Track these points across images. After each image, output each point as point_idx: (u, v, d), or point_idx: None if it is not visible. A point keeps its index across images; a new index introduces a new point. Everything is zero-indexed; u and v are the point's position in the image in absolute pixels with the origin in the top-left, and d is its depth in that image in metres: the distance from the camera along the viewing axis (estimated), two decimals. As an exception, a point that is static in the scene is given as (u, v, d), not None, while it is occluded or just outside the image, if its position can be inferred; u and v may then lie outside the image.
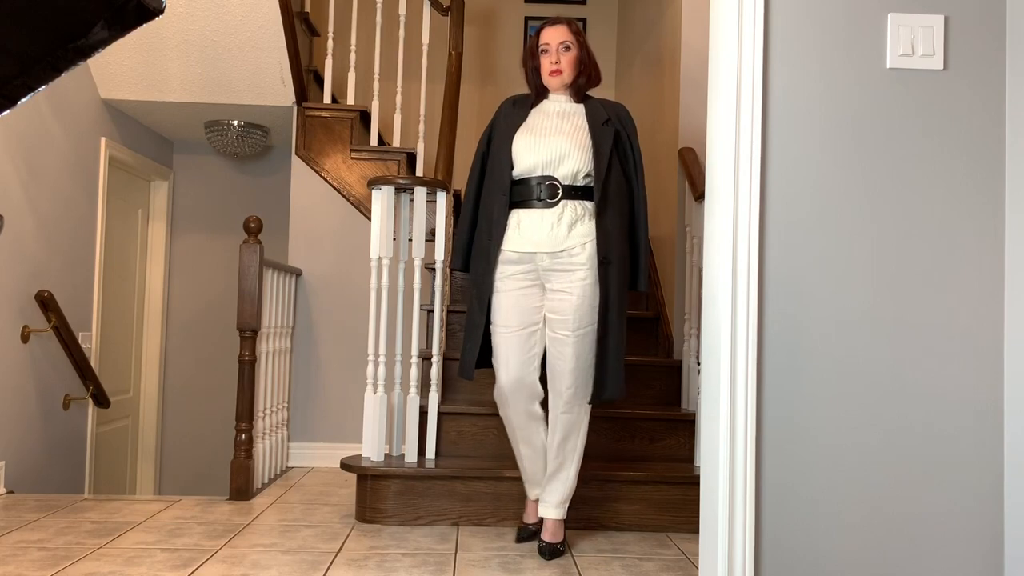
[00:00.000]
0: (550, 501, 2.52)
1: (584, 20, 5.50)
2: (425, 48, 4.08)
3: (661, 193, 3.88)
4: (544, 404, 2.53)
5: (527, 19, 5.46)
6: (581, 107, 2.57)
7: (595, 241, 2.43)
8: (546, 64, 2.53)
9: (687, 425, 3.15)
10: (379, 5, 4.02)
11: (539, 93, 2.59)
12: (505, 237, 2.48)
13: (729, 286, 1.64)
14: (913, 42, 1.67)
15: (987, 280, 1.67)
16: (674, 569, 2.40)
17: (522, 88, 2.70)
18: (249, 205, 5.08)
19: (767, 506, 1.64)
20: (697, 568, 2.34)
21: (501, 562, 2.42)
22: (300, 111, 4.05)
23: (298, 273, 3.95)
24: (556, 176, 2.45)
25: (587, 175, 2.47)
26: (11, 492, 3.31)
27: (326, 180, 4.01)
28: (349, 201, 4.01)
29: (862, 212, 1.67)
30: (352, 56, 4.07)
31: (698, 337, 3.21)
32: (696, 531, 2.74)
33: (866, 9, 1.68)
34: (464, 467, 2.88)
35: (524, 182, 2.48)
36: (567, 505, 2.54)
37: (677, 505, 2.85)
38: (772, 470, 1.64)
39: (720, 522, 1.63)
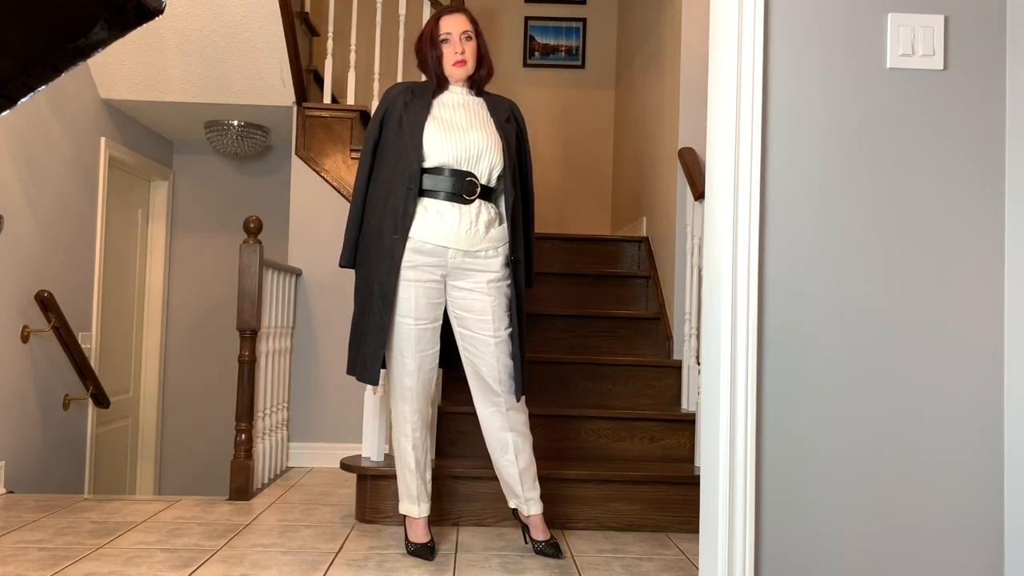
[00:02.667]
0: (535, 497, 2.51)
1: (584, 20, 5.50)
2: (425, 48, 4.08)
3: (661, 193, 3.88)
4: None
5: (527, 19, 5.46)
6: (481, 100, 2.54)
7: (507, 245, 2.47)
8: (449, 54, 2.45)
9: (687, 425, 3.15)
10: (379, 5, 4.02)
11: (440, 83, 2.51)
12: (417, 227, 2.37)
13: (729, 286, 1.64)
14: (913, 42, 1.67)
15: (987, 280, 1.67)
16: (674, 569, 2.40)
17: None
18: (249, 205, 5.08)
19: (767, 506, 1.64)
20: (697, 568, 2.34)
21: (501, 562, 2.42)
22: (300, 111, 4.05)
23: (298, 273, 3.95)
24: (475, 173, 2.41)
25: (499, 176, 2.47)
26: (11, 492, 3.31)
27: (326, 180, 4.01)
28: (349, 201, 4.01)
29: (862, 212, 1.67)
30: (352, 56, 4.07)
31: (698, 337, 3.21)
32: (696, 531, 2.74)
33: (866, 9, 1.68)
34: (464, 467, 2.88)
35: (435, 172, 2.39)
36: None
37: (677, 505, 2.84)
38: (772, 470, 1.64)
39: (720, 522, 1.63)
